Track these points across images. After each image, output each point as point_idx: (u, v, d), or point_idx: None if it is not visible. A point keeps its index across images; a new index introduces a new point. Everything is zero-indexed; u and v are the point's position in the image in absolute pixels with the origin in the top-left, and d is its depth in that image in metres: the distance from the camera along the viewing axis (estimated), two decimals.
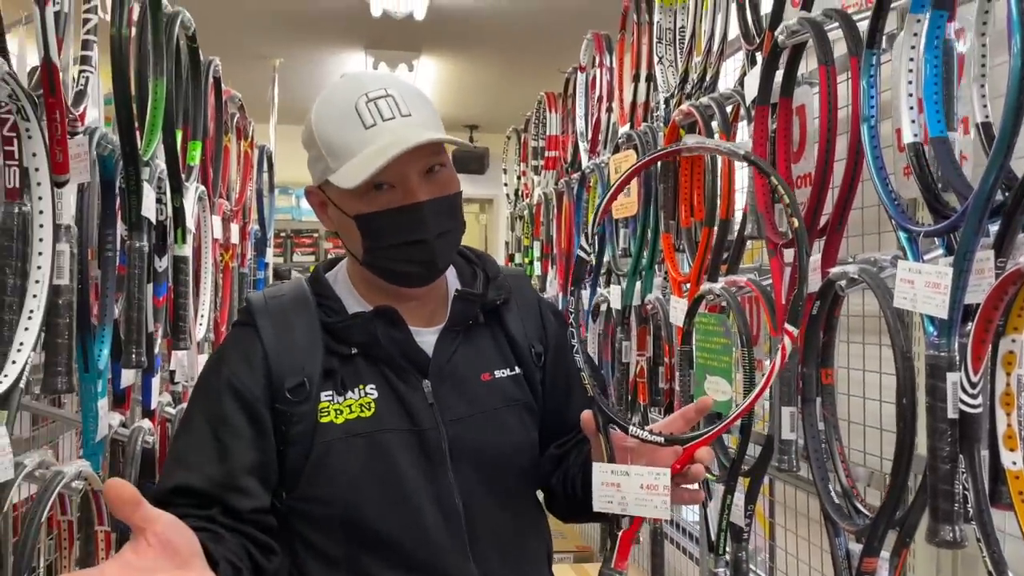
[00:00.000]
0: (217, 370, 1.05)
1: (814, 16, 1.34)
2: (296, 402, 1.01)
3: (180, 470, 1.00)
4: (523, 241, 4.11)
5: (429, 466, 1.04)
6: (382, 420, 1.04)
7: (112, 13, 1.35)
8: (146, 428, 1.55)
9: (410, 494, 1.03)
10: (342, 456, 1.02)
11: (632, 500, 0.91)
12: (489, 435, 1.08)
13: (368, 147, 0.98)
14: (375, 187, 0.99)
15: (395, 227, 1.01)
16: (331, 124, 1.02)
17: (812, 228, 1.32)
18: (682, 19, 2.09)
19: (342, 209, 1.03)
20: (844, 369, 1.57)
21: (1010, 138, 0.91)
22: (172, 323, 1.88)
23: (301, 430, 1.02)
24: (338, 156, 1.00)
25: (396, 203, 1.00)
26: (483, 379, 1.10)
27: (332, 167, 1.01)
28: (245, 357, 1.04)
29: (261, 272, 3.55)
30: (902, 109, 1.10)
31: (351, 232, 1.04)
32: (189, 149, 2.03)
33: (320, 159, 1.03)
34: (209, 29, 4.65)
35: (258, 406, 1.01)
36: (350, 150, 0.99)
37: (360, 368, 1.06)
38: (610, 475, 0.93)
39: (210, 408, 1.03)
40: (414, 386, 1.06)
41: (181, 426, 1.06)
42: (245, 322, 1.07)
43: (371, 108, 0.99)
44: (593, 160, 2.73)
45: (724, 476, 1.61)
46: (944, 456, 0.95)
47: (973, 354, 0.92)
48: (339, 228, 1.08)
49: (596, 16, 2.93)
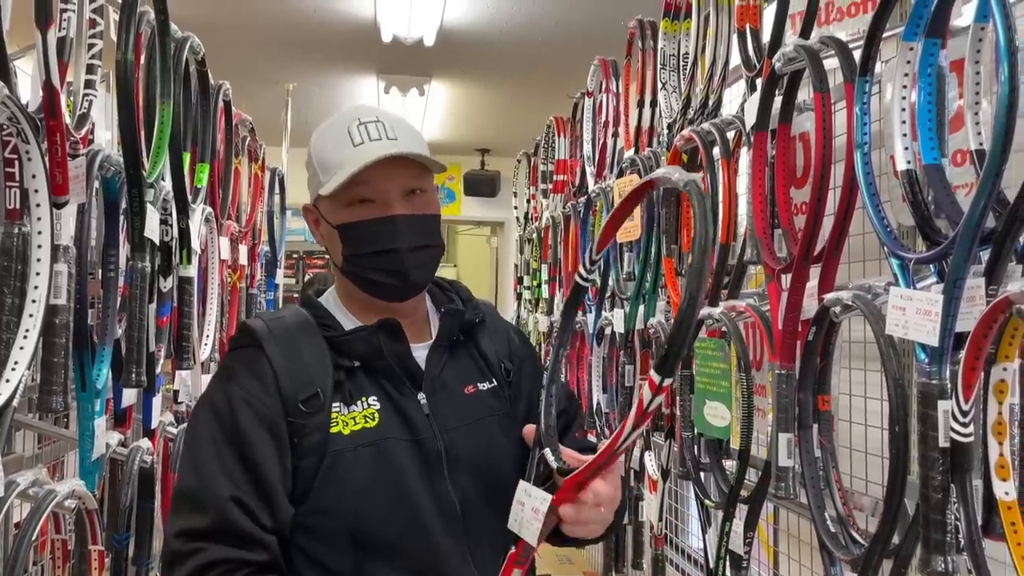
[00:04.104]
0: (226, 391, 1.06)
1: (810, 43, 1.35)
2: (310, 413, 1.05)
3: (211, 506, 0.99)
4: (532, 264, 4.12)
5: (429, 474, 1.08)
6: (386, 430, 1.08)
7: (118, 39, 1.37)
8: (144, 448, 1.56)
9: (414, 501, 1.06)
10: (351, 466, 1.05)
11: (523, 521, 0.92)
12: (479, 444, 1.14)
13: (353, 162, 1.07)
14: (359, 201, 1.09)
15: (371, 236, 1.09)
16: (326, 144, 1.12)
17: (808, 254, 1.32)
18: (685, 46, 2.11)
19: (329, 221, 1.12)
20: (846, 395, 1.55)
21: (999, 165, 0.90)
22: (176, 343, 1.89)
23: (314, 441, 1.04)
24: (328, 171, 1.09)
25: (373, 215, 1.09)
26: (467, 392, 1.17)
27: (322, 181, 1.09)
28: (254, 374, 1.06)
29: (271, 293, 3.57)
30: (895, 136, 1.10)
31: (335, 242, 1.12)
32: (197, 171, 2.06)
33: (314, 176, 1.12)
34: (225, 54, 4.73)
35: (276, 420, 1.04)
36: (338, 165, 1.08)
37: (361, 381, 1.10)
38: (521, 493, 0.95)
39: (227, 428, 1.03)
40: (410, 398, 1.11)
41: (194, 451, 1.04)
42: (247, 344, 1.09)
43: (361, 130, 1.10)
44: (599, 184, 2.74)
45: (723, 503, 1.60)
46: (936, 485, 0.94)
47: (964, 382, 0.91)
48: (327, 241, 1.15)
49: (604, 42, 2.96)
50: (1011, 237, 0.91)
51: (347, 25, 4.37)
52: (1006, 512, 0.90)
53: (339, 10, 4.21)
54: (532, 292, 4.06)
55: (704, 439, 1.71)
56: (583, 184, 3.01)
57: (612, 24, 2.72)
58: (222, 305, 2.36)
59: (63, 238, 1.12)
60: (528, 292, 4.18)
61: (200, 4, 4.02)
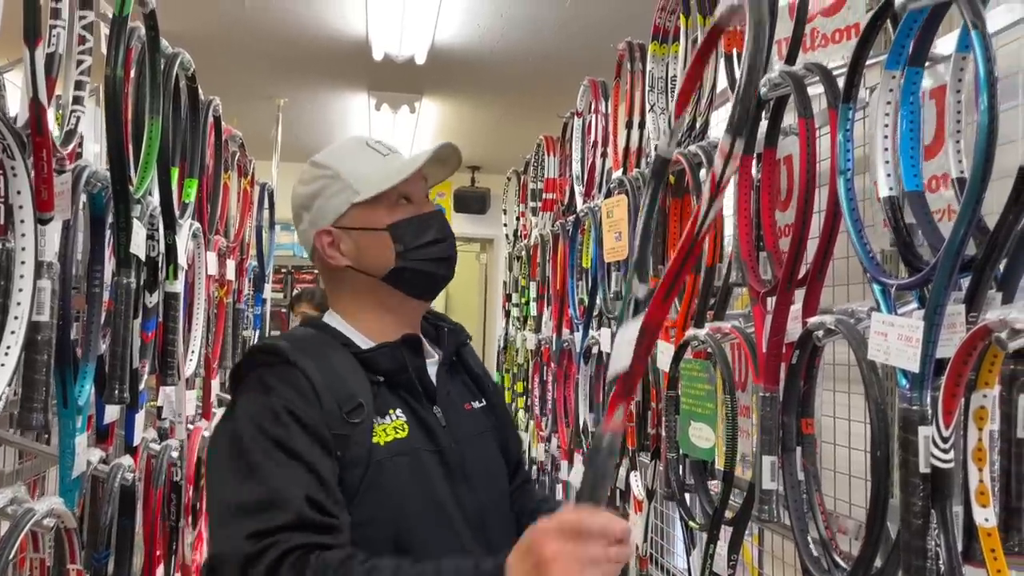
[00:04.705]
0: (266, 403, 1.04)
1: (796, 70, 1.36)
2: (355, 423, 1.07)
3: (285, 506, 0.97)
4: (520, 281, 4.12)
5: (452, 483, 1.13)
6: (415, 440, 1.12)
7: (107, 55, 1.38)
8: (126, 465, 1.54)
9: (446, 509, 1.11)
10: (390, 475, 1.08)
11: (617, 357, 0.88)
12: (484, 457, 1.21)
13: (389, 168, 1.18)
14: (401, 200, 1.18)
15: (424, 228, 1.19)
16: (350, 159, 1.20)
17: (792, 278, 1.33)
18: (673, 69, 2.12)
19: (370, 228, 1.17)
20: (830, 418, 1.56)
21: (979, 192, 0.92)
22: (161, 358, 1.88)
23: (358, 452, 1.06)
24: (367, 179, 1.17)
25: (418, 212, 1.20)
26: (466, 408, 1.24)
27: (358, 189, 1.16)
28: (293, 387, 1.06)
29: (258, 308, 3.56)
30: (878, 163, 1.12)
31: (379, 246, 1.17)
32: (185, 186, 2.06)
33: (342, 191, 1.17)
34: (217, 69, 4.73)
35: (322, 430, 1.05)
36: (376, 170, 1.18)
37: (386, 394, 1.14)
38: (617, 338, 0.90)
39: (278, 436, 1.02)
40: (429, 411, 1.16)
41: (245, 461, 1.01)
42: (275, 363, 1.09)
43: (378, 146, 1.22)
44: (588, 204, 2.75)
45: (708, 524, 1.60)
46: (917, 511, 0.95)
47: (944, 409, 0.92)
48: (359, 250, 1.18)
49: (594, 63, 2.98)
50: (991, 264, 0.92)
51: (339, 42, 4.39)
52: (986, 539, 0.90)
53: (331, 27, 4.23)
54: (520, 310, 4.06)
55: (689, 460, 1.71)
56: (572, 203, 3.02)
57: (602, 46, 2.75)
58: (208, 320, 2.35)
59: (47, 254, 1.12)
60: (516, 310, 4.18)
61: (193, 19, 4.03)
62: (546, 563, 0.85)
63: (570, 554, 0.85)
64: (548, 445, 3.18)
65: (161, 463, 1.85)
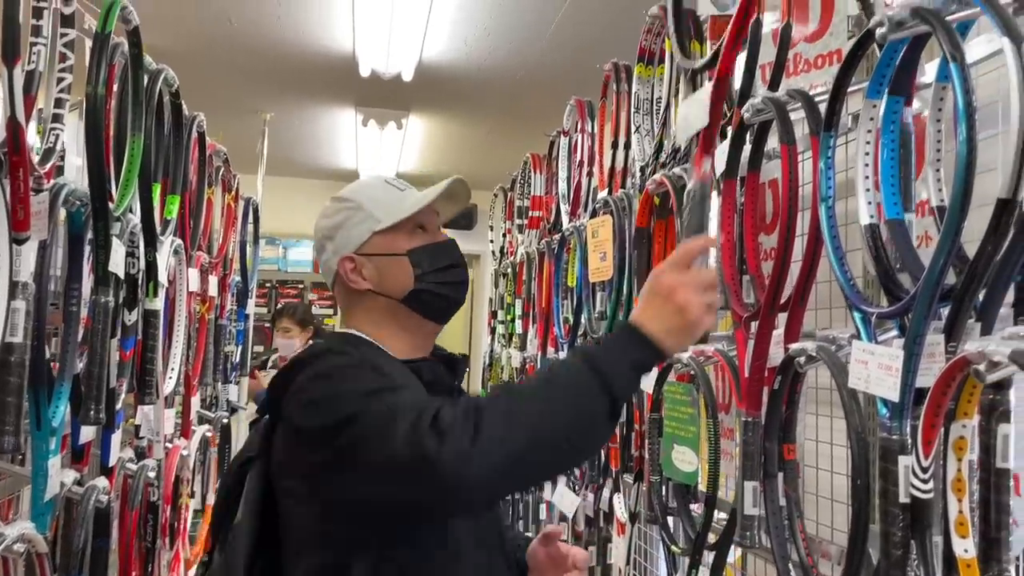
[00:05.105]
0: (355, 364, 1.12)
1: (778, 96, 1.37)
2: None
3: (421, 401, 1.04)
4: (506, 298, 4.12)
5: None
6: None
7: (89, 72, 1.37)
8: (100, 487, 1.52)
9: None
10: None
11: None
12: None
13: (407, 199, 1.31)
14: (418, 228, 1.30)
15: (440, 255, 1.31)
16: (371, 193, 1.32)
17: (775, 303, 1.33)
18: (659, 91, 2.13)
19: (391, 253, 1.28)
20: (813, 442, 1.56)
21: (958, 223, 0.92)
22: (139, 377, 1.86)
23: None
24: (388, 208, 1.29)
25: (434, 240, 1.32)
26: None
27: (380, 218, 1.28)
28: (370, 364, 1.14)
29: (241, 323, 3.54)
30: (859, 191, 1.12)
31: (399, 271, 1.27)
32: (167, 203, 2.04)
33: (364, 220, 1.28)
34: (204, 82, 4.73)
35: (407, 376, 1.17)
36: (396, 201, 1.30)
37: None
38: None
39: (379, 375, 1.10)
40: None
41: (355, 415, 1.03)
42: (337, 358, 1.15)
43: (395, 183, 1.35)
44: (573, 222, 2.75)
45: (690, 549, 1.59)
46: (896, 541, 0.94)
47: (924, 439, 0.92)
48: (380, 275, 1.28)
49: (580, 82, 2.99)
50: (969, 295, 0.92)
51: (326, 58, 4.40)
52: (965, 570, 0.90)
53: (318, 43, 4.23)
54: (506, 327, 4.05)
55: (672, 483, 1.71)
56: (558, 221, 3.02)
57: (588, 65, 2.76)
58: (189, 337, 2.33)
59: (22, 274, 1.10)
60: (502, 327, 4.17)
61: (180, 34, 4.02)
62: (670, 293, 1.06)
63: (688, 281, 1.07)
64: None
65: (138, 483, 1.82)
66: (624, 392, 1.05)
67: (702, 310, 1.07)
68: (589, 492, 2.38)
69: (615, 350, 1.06)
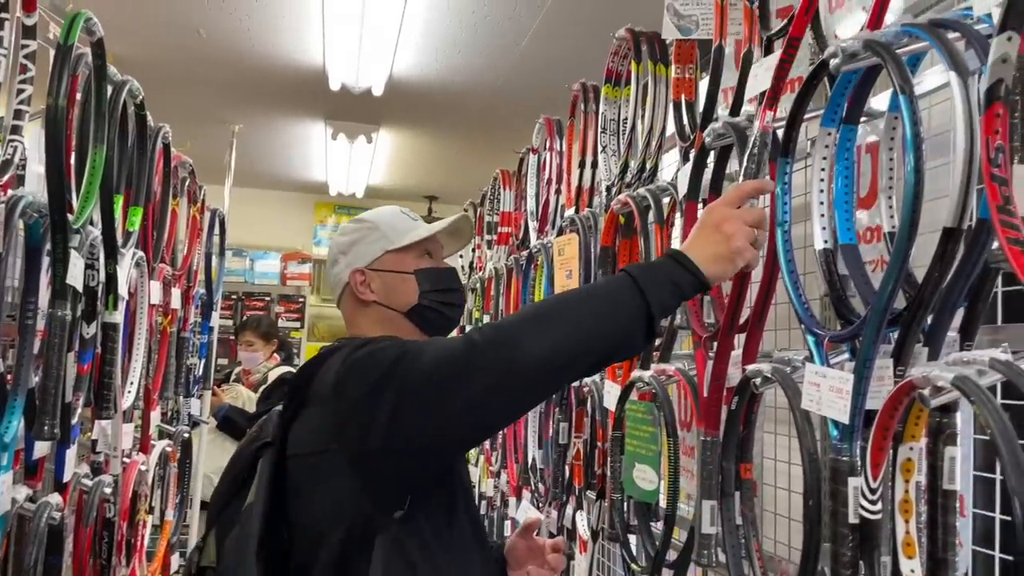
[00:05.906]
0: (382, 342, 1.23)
1: (738, 121, 1.40)
2: None
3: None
4: (474, 313, 4.12)
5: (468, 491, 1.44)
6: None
7: (50, 84, 1.35)
8: (54, 504, 1.49)
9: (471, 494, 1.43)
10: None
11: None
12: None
13: (419, 227, 1.47)
14: (425, 253, 1.46)
15: (442, 278, 1.46)
16: (387, 218, 1.48)
17: (733, 325, 1.35)
18: (625, 112, 2.16)
19: (400, 271, 1.42)
20: (771, 460, 1.58)
21: (906, 250, 0.94)
22: (97, 391, 1.83)
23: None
24: (401, 232, 1.45)
25: (438, 265, 1.48)
26: None
27: (393, 239, 1.43)
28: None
29: (204, 336, 3.49)
30: (814, 217, 1.15)
31: (405, 287, 1.42)
32: (129, 215, 2.02)
33: (379, 240, 1.44)
34: (172, 92, 4.68)
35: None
36: (409, 227, 1.46)
37: None
38: None
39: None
40: None
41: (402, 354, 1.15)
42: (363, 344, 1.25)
43: (409, 213, 1.51)
44: (541, 239, 2.77)
45: (649, 567, 1.60)
46: (845, 561, 0.96)
47: (872, 461, 0.94)
48: (387, 289, 1.42)
49: (550, 100, 3.02)
50: (917, 320, 0.95)
51: (296, 71, 4.39)
52: None
53: (288, 56, 4.22)
54: None
55: (633, 501, 1.72)
56: (526, 238, 3.03)
57: (558, 84, 2.79)
58: (150, 350, 2.30)
59: None
60: None
61: (148, 44, 3.99)
62: (720, 223, 1.16)
63: (739, 215, 1.17)
64: (497, 480, 3.16)
65: (93, 499, 1.79)
66: (661, 309, 1.14)
67: (747, 241, 1.16)
68: (552, 509, 2.38)
69: (659, 271, 1.15)
